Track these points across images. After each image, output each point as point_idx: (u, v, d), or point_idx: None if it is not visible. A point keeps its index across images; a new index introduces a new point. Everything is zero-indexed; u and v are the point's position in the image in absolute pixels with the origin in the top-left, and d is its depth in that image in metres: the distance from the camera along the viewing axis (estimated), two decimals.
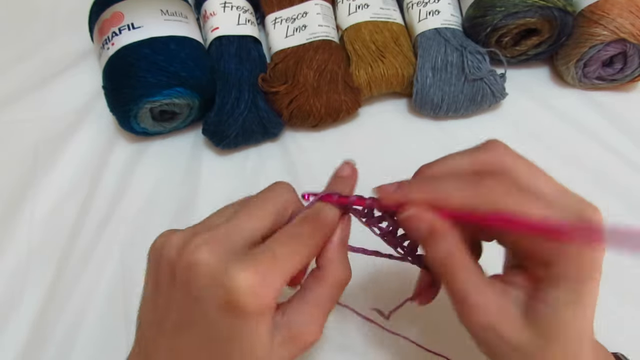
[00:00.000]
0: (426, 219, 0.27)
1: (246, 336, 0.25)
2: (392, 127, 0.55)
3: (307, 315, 0.28)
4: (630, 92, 0.57)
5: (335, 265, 0.29)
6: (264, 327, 0.26)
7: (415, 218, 0.27)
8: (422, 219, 0.27)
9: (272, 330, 0.26)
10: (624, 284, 0.40)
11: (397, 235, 0.31)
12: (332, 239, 0.29)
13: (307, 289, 0.29)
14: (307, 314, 0.28)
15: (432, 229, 0.27)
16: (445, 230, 0.27)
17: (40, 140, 0.53)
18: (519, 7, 0.51)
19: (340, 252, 0.29)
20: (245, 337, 0.25)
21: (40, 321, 0.43)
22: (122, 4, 0.51)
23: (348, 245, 0.31)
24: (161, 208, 0.49)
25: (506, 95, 0.54)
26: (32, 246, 0.47)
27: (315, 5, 0.55)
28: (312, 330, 0.28)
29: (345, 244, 0.30)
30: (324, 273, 0.29)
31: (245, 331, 0.25)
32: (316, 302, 0.28)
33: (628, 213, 0.48)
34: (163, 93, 0.47)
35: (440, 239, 0.27)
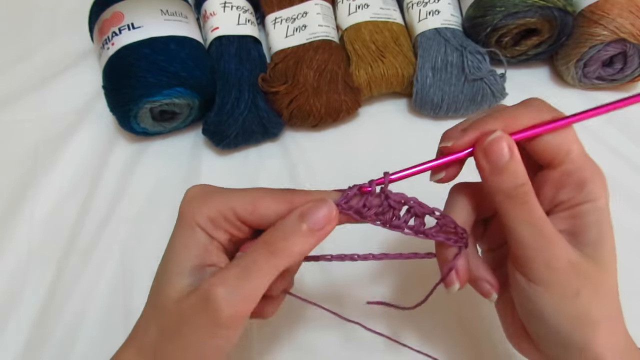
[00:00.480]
0: (509, 140, 0.27)
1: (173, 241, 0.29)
2: (392, 127, 0.55)
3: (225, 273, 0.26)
4: (630, 92, 0.57)
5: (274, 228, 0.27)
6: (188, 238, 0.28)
7: (499, 140, 0.27)
8: (506, 139, 0.27)
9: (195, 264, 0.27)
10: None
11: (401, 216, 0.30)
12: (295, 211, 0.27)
13: None
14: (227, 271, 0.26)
15: (513, 150, 0.27)
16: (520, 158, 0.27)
17: (40, 140, 0.53)
18: (519, 7, 0.51)
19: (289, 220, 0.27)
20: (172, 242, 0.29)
21: (40, 321, 0.43)
22: (122, 4, 0.51)
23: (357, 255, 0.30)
24: (161, 208, 0.49)
25: (506, 95, 0.54)
26: (32, 246, 0.47)
27: (315, 5, 0.55)
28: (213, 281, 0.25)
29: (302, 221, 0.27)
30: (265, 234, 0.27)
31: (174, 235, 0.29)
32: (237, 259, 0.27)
33: (627, 213, 0.48)
34: (163, 93, 0.47)
35: (520, 163, 0.27)
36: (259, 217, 0.28)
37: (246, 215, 0.28)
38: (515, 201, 0.27)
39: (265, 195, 0.28)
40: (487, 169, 0.27)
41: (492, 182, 0.27)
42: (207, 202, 0.28)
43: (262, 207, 0.28)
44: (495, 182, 0.27)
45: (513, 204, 0.27)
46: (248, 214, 0.28)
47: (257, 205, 0.28)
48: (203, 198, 0.28)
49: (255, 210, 0.28)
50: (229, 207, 0.27)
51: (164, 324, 0.27)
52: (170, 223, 0.47)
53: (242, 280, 0.26)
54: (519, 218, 0.27)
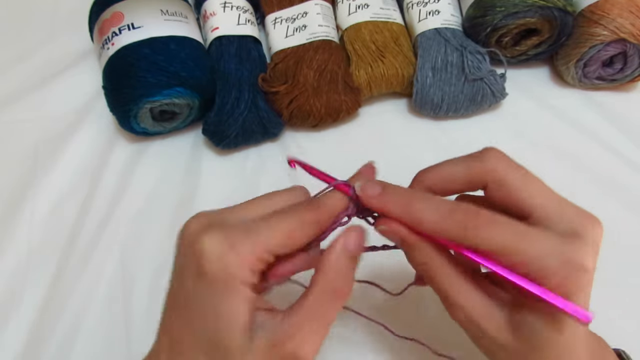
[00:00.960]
0: (398, 233, 0.27)
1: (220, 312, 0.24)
2: (392, 127, 0.55)
3: (296, 321, 0.26)
4: (630, 92, 0.57)
5: (330, 272, 0.26)
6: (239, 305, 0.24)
7: (388, 232, 0.28)
8: (395, 232, 0.27)
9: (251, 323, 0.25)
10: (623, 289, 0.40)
11: None
12: (333, 244, 0.27)
13: (302, 296, 0.27)
14: (297, 320, 0.26)
15: (405, 241, 0.27)
16: (418, 242, 0.27)
17: (40, 140, 0.53)
18: (519, 7, 0.51)
19: (339, 260, 0.26)
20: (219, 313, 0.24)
21: (40, 321, 0.43)
22: (122, 4, 0.51)
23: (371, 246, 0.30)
24: (161, 208, 0.49)
25: (506, 95, 0.54)
26: (32, 246, 0.47)
27: (315, 5, 0.55)
28: (300, 340, 0.25)
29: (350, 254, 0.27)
30: (317, 279, 0.26)
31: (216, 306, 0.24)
32: (308, 310, 0.26)
33: (628, 213, 0.48)
34: (163, 93, 0.47)
35: (414, 249, 0.28)
36: (293, 248, 0.27)
37: (282, 250, 0.26)
38: (422, 275, 0.28)
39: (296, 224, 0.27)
40: None
41: None
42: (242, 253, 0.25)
43: (297, 240, 0.27)
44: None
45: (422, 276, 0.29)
46: (284, 249, 0.26)
47: (292, 239, 0.26)
48: (233, 249, 0.25)
49: (291, 245, 0.27)
50: (267, 250, 0.25)
51: None
52: (170, 223, 0.46)
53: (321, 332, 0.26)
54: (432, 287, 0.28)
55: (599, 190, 0.49)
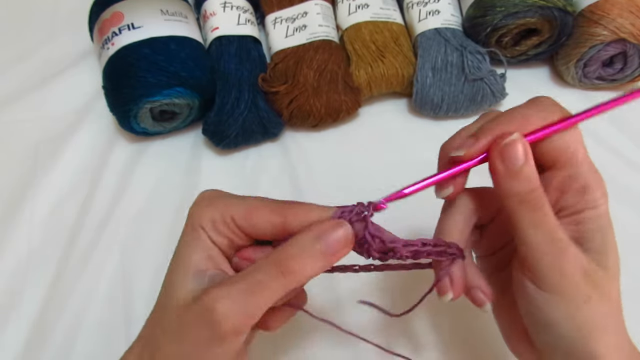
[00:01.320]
0: (524, 143, 0.27)
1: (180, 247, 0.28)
2: (392, 127, 0.55)
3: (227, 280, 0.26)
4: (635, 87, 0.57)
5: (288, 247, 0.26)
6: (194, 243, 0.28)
7: (515, 143, 0.27)
8: (522, 142, 0.27)
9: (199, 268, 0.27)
10: None
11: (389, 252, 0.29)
12: (311, 227, 0.26)
13: None
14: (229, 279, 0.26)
15: (528, 153, 0.27)
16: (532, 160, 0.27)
17: (40, 140, 0.53)
18: (519, 7, 0.51)
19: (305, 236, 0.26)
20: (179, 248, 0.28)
21: (40, 321, 0.43)
22: (122, 4, 0.51)
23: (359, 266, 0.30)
24: (161, 208, 0.49)
25: (506, 95, 0.54)
26: (32, 246, 0.47)
27: (315, 5, 0.55)
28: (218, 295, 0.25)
29: (318, 238, 0.26)
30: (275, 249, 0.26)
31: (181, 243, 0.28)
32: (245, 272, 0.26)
33: (627, 213, 0.48)
34: (163, 93, 0.47)
35: (534, 167, 0.27)
36: (253, 226, 0.28)
37: (242, 222, 0.28)
38: (528, 206, 0.27)
39: (262, 205, 0.28)
40: (501, 173, 0.27)
41: (505, 186, 0.27)
42: (211, 206, 0.28)
43: (256, 217, 0.28)
44: (509, 187, 0.27)
45: (526, 209, 0.27)
46: (243, 220, 0.28)
47: (252, 214, 0.28)
48: (209, 202, 0.29)
49: (249, 218, 0.28)
50: (228, 212, 0.28)
51: (167, 327, 0.27)
52: (170, 223, 0.47)
53: (246, 296, 0.25)
54: (532, 224, 0.27)
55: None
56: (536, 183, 0.27)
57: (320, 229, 0.26)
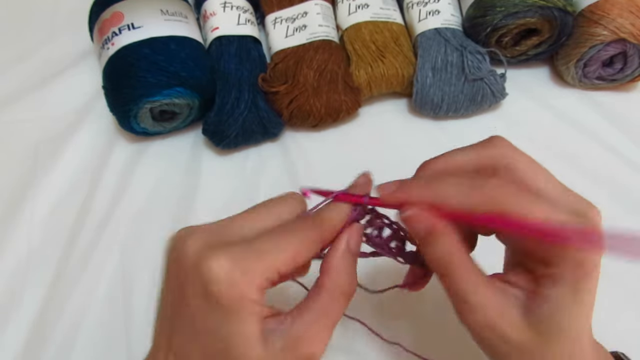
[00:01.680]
0: (425, 220, 0.27)
1: (232, 333, 0.24)
2: (392, 127, 0.55)
3: (306, 323, 0.26)
4: (630, 92, 0.57)
5: (336, 273, 0.27)
6: (250, 323, 0.24)
7: (414, 218, 0.28)
8: (421, 219, 0.27)
9: (263, 332, 0.25)
10: (623, 281, 0.40)
11: (384, 237, 0.31)
12: (337, 245, 0.28)
13: (309, 297, 0.27)
14: (307, 322, 0.26)
15: (431, 229, 0.27)
16: (444, 231, 0.27)
17: (40, 140, 0.53)
18: (519, 7, 0.51)
19: (344, 259, 0.28)
20: (230, 333, 0.24)
21: (40, 321, 0.43)
22: (122, 4, 0.51)
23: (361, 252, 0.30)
24: (161, 208, 0.49)
25: (506, 95, 0.54)
26: (32, 246, 0.47)
27: (315, 5, 0.55)
28: (311, 340, 0.26)
29: (352, 253, 0.28)
30: (324, 280, 0.27)
31: (228, 326, 0.24)
32: (316, 311, 0.27)
33: (628, 213, 0.48)
34: (163, 93, 0.47)
35: (439, 239, 0.27)
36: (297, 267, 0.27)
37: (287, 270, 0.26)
38: (440, 271, 0.27)
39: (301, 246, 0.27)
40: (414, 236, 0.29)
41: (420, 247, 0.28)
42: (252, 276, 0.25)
43: (302, 259, 0.27)
44: (422, 250, 0.28)
45: (439, 272, 0.28)
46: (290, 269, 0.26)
47: (298, 259, 0.27)
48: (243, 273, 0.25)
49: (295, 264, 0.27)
50: (275, 270, 0.26)
51: None
52: (170, 223, 0.46)
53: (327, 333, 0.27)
54: (447, 287, 0.27)
55: (599, 190, 0.49)
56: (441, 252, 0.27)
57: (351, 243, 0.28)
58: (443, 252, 0.27)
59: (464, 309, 0.27)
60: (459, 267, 0.27)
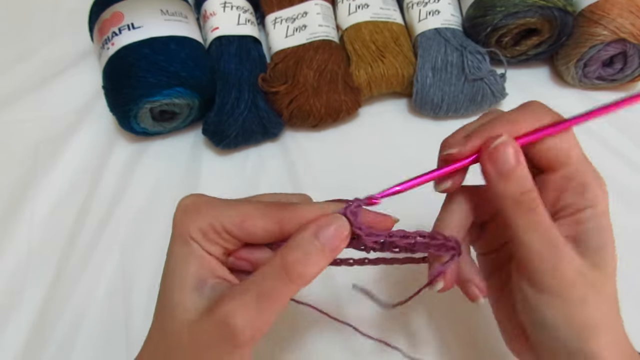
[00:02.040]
0: (515, 145, 0.27)
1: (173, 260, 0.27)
2: (392, 127, 0.55)
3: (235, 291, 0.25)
4: (630, 92, 0.57)
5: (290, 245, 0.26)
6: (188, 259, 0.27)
7: (505, 145, 0.27)
8: (512, 144, 0.27)
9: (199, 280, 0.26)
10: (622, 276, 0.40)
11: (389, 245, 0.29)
12: (307, 226, 0.26)
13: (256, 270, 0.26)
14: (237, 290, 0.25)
15: (519, 155, 0.27)
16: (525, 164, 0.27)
17: (40, 140, 0.53)
18: (519, 7, 0.51)
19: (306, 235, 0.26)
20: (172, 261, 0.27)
21: (40, 321, 0.43)
22: (122, 4, 0.51)
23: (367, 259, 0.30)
24: (161, 208, 0.49)
25: (506, 95, 0.54)
26: (32, 246, 0.47)
27: (315, 5, 0.55)
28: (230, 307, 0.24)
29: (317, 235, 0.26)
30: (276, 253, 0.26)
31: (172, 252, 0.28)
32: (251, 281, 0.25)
33: (628, 213, 0.48)
34: (163, 93, 0.48)
35: (526, 168, 0.27)
36: (247, 233, 0.27)
37: (234, 230, 0.27)
38: (522, 208, 0.27)
39: (255, 212, 0.27)
40: (493, 175, 0.27)
41: (498, 188, 0.27)
42: (198, 215, 0.27)
43: (249, 224, 0.27)
44: (501, 188, 0.27)
45: (520, 211, 0.27)
46: (236, 229, 0.27)
47: (245, 222, 0.27)
48: (195, 210, 0.28)
49: (243, 227, 0.27)
50: (218, 221, 0.27)
51: (176, 347, 0.26)
52: (170, 223, 0.46)
53: (261, 305, 0.25)
54: (527, 225, 0.27)
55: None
56: (528, 185, 0.27)
57: (317, 226, 0.26)
58: (530, 183, 0.27)
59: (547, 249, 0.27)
60: (541, 204, 0.27)
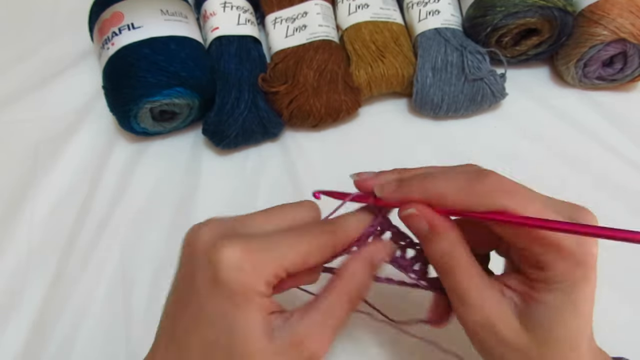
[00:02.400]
0: (426, 217, 0.27)
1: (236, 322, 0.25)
2: (392, 127, 0.55)
3: (312, 322, 0.26)
4: (630, 92, 0.57)
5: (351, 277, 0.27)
6: (255, 315, 0.25)
7: (415, 216, 0.27)
8: (423, 216, 0.27)
9: (268, 327, 0.25)
10: (624, 283, 0.40)
11: (408, 258, 0.31)
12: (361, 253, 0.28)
13: (317, 297, 0.27)
14: (313, 321, 0.26)
15: (432, 226, 0.27)
16: (446, 228, 0.27)
17: (40, 140, 0.53)
18: (519, 7, 0.51)
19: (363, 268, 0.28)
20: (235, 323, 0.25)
21: (40, 321, 0.43)
22: (122, 4, 0.51)
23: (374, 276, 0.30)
24: (161, 208, 0.49)
25: (506, 95, 0.54)
26: (32, 246, 0.47)
27: (315, 5, 0.55)
28: (315, 339, 0.26)
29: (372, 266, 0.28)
30: (337, 282, 0.27)
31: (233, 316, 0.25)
32: (324, 310, 0.26)
33: (628, 213, 0.48)
34: (163, 93, 0.48)
35: (441, 236, 0.27)
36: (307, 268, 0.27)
37: (296, 270, 0.27)
38: (441, 269, 0.28)
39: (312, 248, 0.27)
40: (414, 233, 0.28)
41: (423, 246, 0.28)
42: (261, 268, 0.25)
43: (311, 262, 0.27)
44: (424, 247, 0.28)
45: (440, 271, 0.28)
46: (299, 268, 0.27)
47: (308, 262, 0.27)
48: (253, 263, 0.25)
49: (305, 265, 0.27)
50: (283, 268, 0.26)
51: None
52: (170, 223, 0.46)
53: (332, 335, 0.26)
54: (448, 286, 0.28)
55: (599, 190, 0.49)
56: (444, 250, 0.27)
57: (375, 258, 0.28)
58: (444, 249, 0.27)
59: (463, 307, 0.27)
60: (459, 265, 0.27)
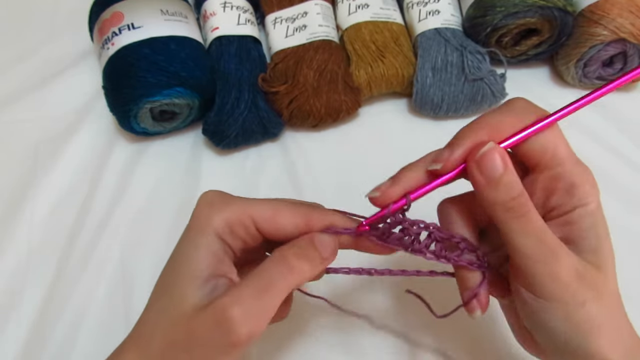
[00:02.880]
0: (501, 151, 0.26)
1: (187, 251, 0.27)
2: (392, 127, 0.55)
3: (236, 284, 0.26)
4: (630, 92, 0.57)
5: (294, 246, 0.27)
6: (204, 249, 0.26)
7: (491, 152, 0.26)
8: (498, 150, 0.26)
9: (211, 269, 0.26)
10: None
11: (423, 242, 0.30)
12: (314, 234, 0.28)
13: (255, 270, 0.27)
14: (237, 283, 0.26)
15: (506, 161, 0.26)
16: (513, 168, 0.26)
17: (40, 140, 0.53)
18: (519, 7, 0.51)
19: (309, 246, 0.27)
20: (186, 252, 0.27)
21: (40, 321, 0.43)
22: (122, 4, 0.51)
23: (374, 270, 0.31)
24: (161, 208, 0.49)
25: (506, 95, 0.54)
26: (32, 246, 0.47)
27: (315, 5, 0.55)
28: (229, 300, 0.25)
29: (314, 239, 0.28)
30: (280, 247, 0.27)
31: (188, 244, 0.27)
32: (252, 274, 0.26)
33: (628, 213, 0.48)
34: (163, 93, 0.48)
35: (514, 173, 0.26)
36: (277, 227, 0.28)
37: (265, 224, 0.27)
38: (513, 213, 0.26)
39: (285, 207, 0.28)
40: (481, 183, 0.26)
41: (487, 196, 0.26)
42: (227, 208, 0.27)
43: (281, 218, 0.28)
44: (491, 196, 0.26)
45: (511, 216, 0.26)
46: (267, 222, 0.27)
47: (277, 215, 0.27)
48: (222, 203, 0.27)
49: (274, 220, 0.27)
50: (248, 214, 0.27)
51: (174, 337, 0.26)
52: (170, 223, 0.47)
53: (258, 300, 0.25)
54: (519, 230, 0.26)
55: (599, 190, 0.49)
56: (518, 190, 0.26)
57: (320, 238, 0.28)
58: (519, 188, 0.26)
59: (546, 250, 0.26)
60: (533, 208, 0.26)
